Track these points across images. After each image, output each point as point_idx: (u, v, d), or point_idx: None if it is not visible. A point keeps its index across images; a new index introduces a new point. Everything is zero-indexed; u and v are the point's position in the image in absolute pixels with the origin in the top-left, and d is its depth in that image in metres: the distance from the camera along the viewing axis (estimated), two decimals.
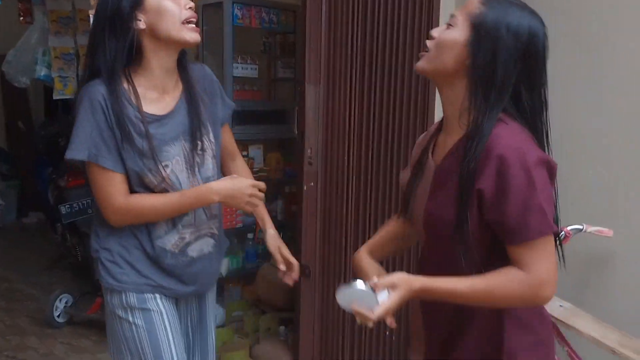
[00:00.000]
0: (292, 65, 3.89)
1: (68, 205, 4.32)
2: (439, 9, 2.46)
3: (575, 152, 2.41)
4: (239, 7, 3.51)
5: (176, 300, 1.83)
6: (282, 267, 1.88)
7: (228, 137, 1.95)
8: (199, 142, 1.74)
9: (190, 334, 1.91)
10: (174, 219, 1.73)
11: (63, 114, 5.36)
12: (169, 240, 1.74)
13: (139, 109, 1.65)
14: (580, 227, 2.28)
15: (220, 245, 1.90)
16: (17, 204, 7.03)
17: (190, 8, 1.67)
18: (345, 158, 2.82)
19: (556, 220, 1.33)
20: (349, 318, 2.83)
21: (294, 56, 3.86)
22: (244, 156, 3.55)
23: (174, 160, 1.70)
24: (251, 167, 3.62)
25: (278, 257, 1.88)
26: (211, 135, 1.79)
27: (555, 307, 2.29)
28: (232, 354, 2.86)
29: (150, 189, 1.69)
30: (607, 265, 2.40)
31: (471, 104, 1.29)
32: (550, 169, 1.28)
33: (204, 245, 1.80)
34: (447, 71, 1.32)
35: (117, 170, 1.65)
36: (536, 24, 1.29)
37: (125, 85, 1.66)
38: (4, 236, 6.30)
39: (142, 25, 1.63)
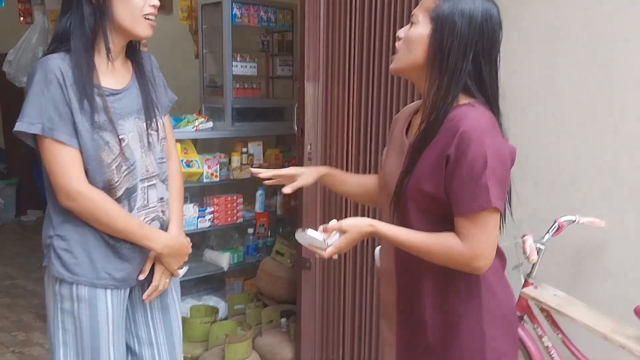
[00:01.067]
0: (290, 63, 3.96)
1: None
2: None
3: (566, 144, 2.48)
4: (237, 6, 3.57)
5: (130, 288, 1.81)
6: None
7: (168, 130, 1.91)
8: (153, 120, 1.77)
9: (151, 318, 1.88)
10: (130, 202, 1.72)
11: None
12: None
13: (97, 82, 1.66)
14: (573, 218, 2.35)
15: (166, 228, 1.86)
16: (16, 202, 7.08)
17: (153, 5, 1.70)
18: (344, 153, 2.88)
19: (508, 203, 1.48)
20: (349, 309, 2.91)
21: (291, 54, 3.93)
22: (243, 153, 3.65)
23: (129, 135, 1.71)
24: (251, 163, 3.69)
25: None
26: (160, 118, 1.81)
27: (550, 296, 2.36)
28: (236, 345, 2.93)
29: (104, 167, 1.66)
30: (599, 255, 2.46)
31: (434, 84, 1.41)
32: (510, 157, 1.39)
33: (156, 226, 1.80)
34: (419, 65, 1.43)
35: (72, 145, 1.61)
36: (488, 6, 1.41)
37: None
38: (4, 234, 6.34)
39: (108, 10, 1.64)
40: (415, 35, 1.42)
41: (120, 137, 1.67)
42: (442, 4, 1.39)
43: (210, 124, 3.54)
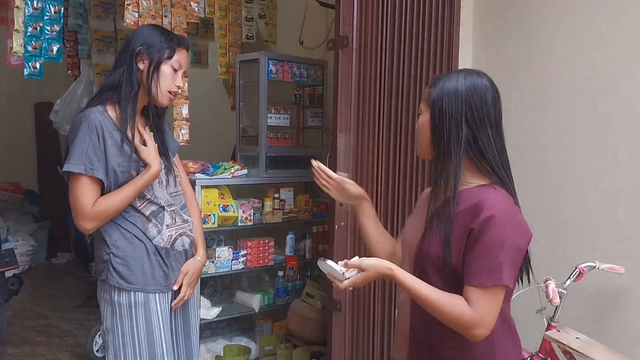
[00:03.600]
0: (320, 115, 4.17)
1: None
2: (457, 65, 2.75)
3: (585, 194, 2.62)
4: (273, 63, 3.83)
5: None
6: None
7: (180, 168, 2.32)
8: (167, 163, 2.18)
9: (175, 321, 2.20)
10: (157, 221, 2.09)
11: None
12: (162, 239, 2.09)
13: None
14: (594, 264, 2.44)
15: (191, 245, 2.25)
16: (47, 245, 7.27)
17: (178, 86, 2.12)
18: (373, 199, 3.04)
19: (519, 279, 1.65)
20: (377, 350, 3.01)
21: (321, 106, 4.15)
22: (275, 198, 3.83)
23: None
24: (282, 208, 3.87)
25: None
26: (171, 160, 2.23)
27: (572, 339, 2.44)
28: None
29: None
30: (619, 300, 2.54)
31: (439, 161, 1.61)
32: (526, 238, 1.56)
33: (184, 242, 2.17)
34: (428, 147, 1.64)
35: (104, 180, 1.98)
36: (472, 78, 1.60)
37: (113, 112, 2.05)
38: (36, 275, 6.51)
39: (142, 65, 2.06)
40: (421, 123, 1.65)
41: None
42: (432, 90, 1.62)
43: (245, 171, 3.75)
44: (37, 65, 3.08)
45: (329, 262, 1.55)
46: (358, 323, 3.11)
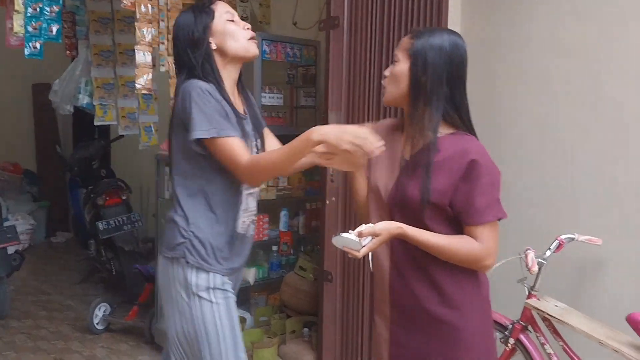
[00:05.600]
0: (313, 94, 4.26)
1: (105, 222, 4.70)
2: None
3: (565, 168, 2.72)
4: (267, 43, 3.91)
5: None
6: None
7: (271, 135, 2.26)
8: (259, 141, 2.10)
9: None
10: (237, 205, 2.00)
11: (97, 139, 5.76)
12: (240, 223, 2.02)
13: (232, 105, 1.95)
14: (573, 236, 2.56)
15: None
16: (46, 225, 7.40)
17: (249, 29, 2.03)
18: None
19: None
20: (367, 318, 3.14)
21: (314, 86, 4.24)
22: None
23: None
24: (276, 186, 3.97)
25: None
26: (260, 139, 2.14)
27: (551, 307, 2.56)
28: (263, 350, 3.17)
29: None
30: (596, 270, 2.66)
31: (417, 109, 1.71)
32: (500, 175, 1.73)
33: (252, 228, 2.12)
34: (404, 95, 1.72)
35: (238, 135, 1.89)
36: (455, 39, 1.71)
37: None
38: (35, 254, 6.65)
39: (213, 46, 1.97)
40: (398, 71, 1.73)
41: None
42: (416, 41, 1.70)
43: None
44: (37, 45, 3.16)
45: (344, 234, 1.60)
46: (348, 293, 3.23)
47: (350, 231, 1.62)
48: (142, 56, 3.31)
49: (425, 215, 1.68)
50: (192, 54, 1.95)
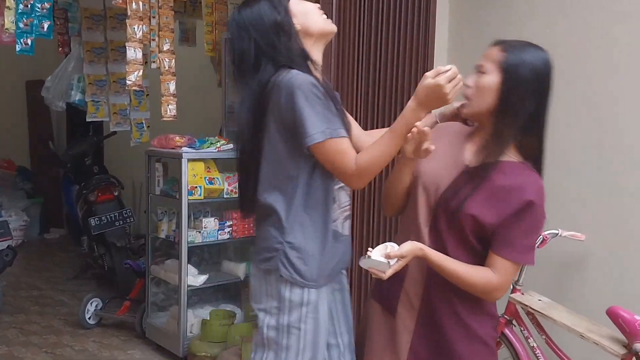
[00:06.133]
0: None
1: (97, 218, 4.73)
2: (434, 24, 2.89)
3: (550, 166, 2.76)
4: None
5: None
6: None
7: (354, 121, 2.03)
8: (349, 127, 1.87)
9: (336, 318, 1.98)
10: (331, 202, 1.82)
11: (90, 136, 5.79)
12: (338, 221, 1.87)
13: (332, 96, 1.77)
14: (556, 231, 2.61)
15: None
16: (40, 221, 7.42)
17: (318, 6, 1.89)
18: None
19: None
20: (355, 310, 3.17)
21: None
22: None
23: None
24: None
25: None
26: None
27: (535, 301, 2.61)
28: (252, 344, 3.20)
29: None
30: (579, 265, 2.72)
31: (501, 124, 1.64)
32: None
33: (347, 225, 1.94)
34: (489, 110, 1.65)
35: (348, 135, 1.74)
36: (545, 55, 1.64)
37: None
38: (29, 250, 6.67)
39: (298, 27, 1.80)
40: (486, 83, 1.63)
41: None
42: (509, 55, 1.61)
43: (231, 146, 3.87)
44: (29, 41, 3.18)
45: (373, 257, 1.60)
46: None
47: (371, 249, 1.63)
48: (133, 53, 3.34)
49: (466, 225, 1.66)
50: (277, 40, 1.76)
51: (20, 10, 3.14)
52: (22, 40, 3.17)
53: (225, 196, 3.81)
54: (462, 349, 1.72)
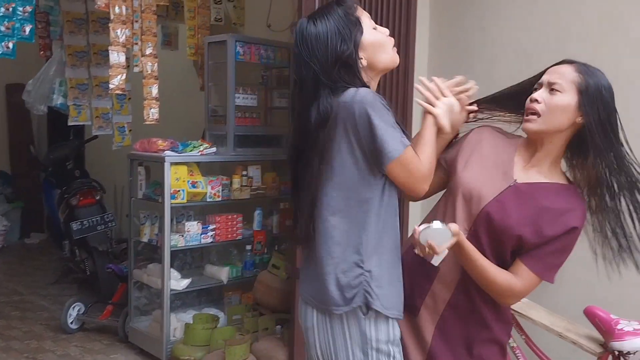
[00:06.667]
0: (286, 96, 4.33)
1: (79, 222, 4.71)
2: (414, 41, 2.94)
3: None
4: (240, 45, 3.96)
5: None
6: None
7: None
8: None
9: None
10: (398, 221, 1.73)
11: (71, 140, 5.76)
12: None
13: None
14: None
15: None
16: (20, 225, 7.34)
17: (384, 33, 1.75)
18: None
19: None
20: None
21: (288, 87, 4.31)
22: (243, 175, 3.99)
23: None
24: (250, 185, 4.03)
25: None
26: None
27: None
28: (235, 347, 3.22)
29: None
30: None
31: (576, 156, 1.69)
32: None
33: None
34: (561, 129, 1.64)
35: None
36: (609, 82, 1.64)
37: None
38: (9, 255, 6.61)
39: (364, 62, 1.69)
40: (563, 103, 1.61)
41: None
42: (587, 78, 1.60)
43: (213, 149, 3.90)
44: (10, 45, 3.18)
45: (435, 226, 1.52)
46: None
47: (424, 225, 1.55)
48: (116, 57, 3.35)
49: (509, 243, 1.65)
50: (338, 74, 1.64)
51: (1, 14, 3.15)
52: (3, 43, 3.17)
53: (208, 200, 3.82)
54: (481, 351, 1.75)
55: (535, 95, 1.66)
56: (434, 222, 1.54)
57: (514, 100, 1.79)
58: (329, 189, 1.65)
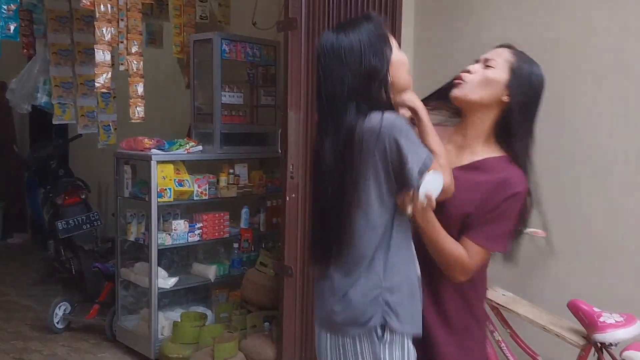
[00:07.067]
0: (273, 94, 4.34)
1: (64, 222, 4.69)
2: (400, 42, 2.95)
3: None
4: (226, 43, 3.97)
5: None
6: None
7: None
8: None
9: None
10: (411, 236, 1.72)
11: (55, 138, 5.71)
12: (417, 262, 1.73)
13: None
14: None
15: None
16: (3, 226, 7.26)
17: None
18: None
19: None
20: None
21: (274, 85, 4.32)
22: (230, 174, 3.99)
23: None
24: (237, 183, 4.04)
25: None
26: None
27: (499, 296, 2.67)
28: (224, 345, 3.23)
29: None
30: (541, 261, 2.79)
31: (502, 133, 1.73)
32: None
33: None
34: (483, 103, 1.71)
35: None
36: (543, 74, 1.73)
37: None
38: None
39: (390, 78, 1.64)
40: (492, 77, 1.70)
41: None
42: (522, 63, 1.70)
43: (200, 147, 3.90)
44: None
45: (428, 175, 1.53)
46: (307, 286, 3.31)
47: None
48: (102, 55, 3.34)
49: (456, 228, 1.71)
50: (369, 90, 1.60)
51: None
52: None
53: (195, 198, 3.82)
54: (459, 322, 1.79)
55: (469, 67, 1.75)
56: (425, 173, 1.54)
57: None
58: (354, 208, 1.61)
